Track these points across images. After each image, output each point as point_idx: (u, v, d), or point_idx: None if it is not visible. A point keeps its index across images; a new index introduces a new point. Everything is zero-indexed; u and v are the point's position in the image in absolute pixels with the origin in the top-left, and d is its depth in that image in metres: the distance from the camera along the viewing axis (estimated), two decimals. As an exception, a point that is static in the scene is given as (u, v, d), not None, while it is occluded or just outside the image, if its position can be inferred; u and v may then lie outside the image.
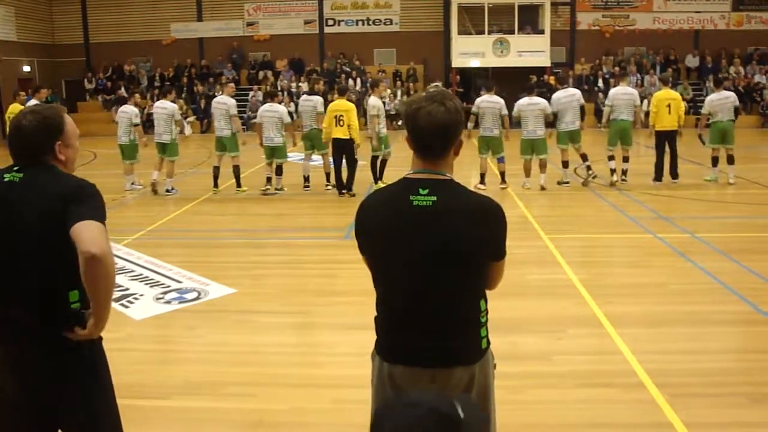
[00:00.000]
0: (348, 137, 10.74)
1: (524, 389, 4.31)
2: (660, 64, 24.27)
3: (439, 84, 14.80)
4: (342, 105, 10.83)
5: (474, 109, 11.25)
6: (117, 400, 2.65)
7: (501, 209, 2.37)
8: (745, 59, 24.40)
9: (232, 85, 12.21)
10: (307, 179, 11.71)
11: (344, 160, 10.98)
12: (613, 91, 11.90)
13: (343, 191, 10.97)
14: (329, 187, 11.56)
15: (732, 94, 11.91)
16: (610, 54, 24.89)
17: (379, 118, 11.13)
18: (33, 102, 11.98)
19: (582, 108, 11.46)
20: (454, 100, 2.35)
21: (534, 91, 11.50)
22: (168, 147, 11.45)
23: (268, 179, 11.31)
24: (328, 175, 11.65)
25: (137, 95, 12.56)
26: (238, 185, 11.52)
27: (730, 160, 11.57)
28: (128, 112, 11.75)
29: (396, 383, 2.40)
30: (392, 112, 21.79)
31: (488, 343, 2.45)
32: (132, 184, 12.00)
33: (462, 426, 1.37)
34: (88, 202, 2.43)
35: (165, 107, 11.49)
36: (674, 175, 11.51)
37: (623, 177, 11.69)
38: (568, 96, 11.35)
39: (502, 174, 11.28)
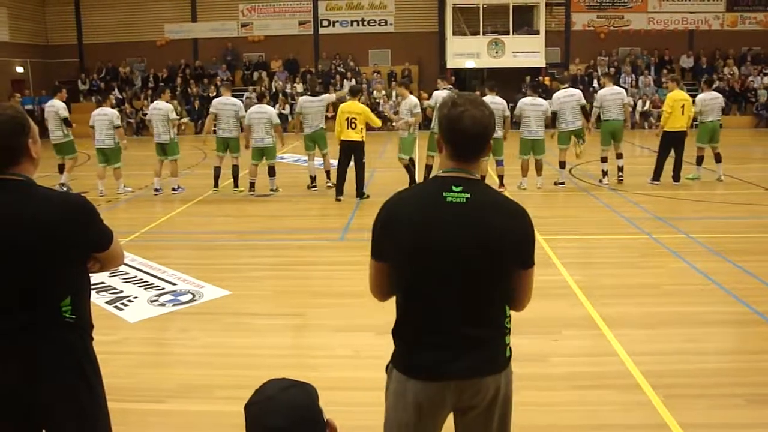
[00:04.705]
0: (360, 140, 10.54)
1: (519, 390, 4.24)
2: (654, 65, 24.35)
3: (452, 87, 14.69)
4: (355, 107, 10.56)
5: None
6: (111, 403, 2.59)
7: (528, 214, 2.36)
8: (739, 60, 24.48)
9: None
10: (313, 179, 11.78)
11: (353, 163, 10.75)
12: (600, 92, 11.91)
13: (340, 197, 10.70)
14: (330, 185, 11.55)
15: (720, 95, 12.25)
16: (605, 54, 24.94)
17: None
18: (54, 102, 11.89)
19: (584, 108, 11.38)
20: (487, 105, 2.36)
21: (538, 92, 11.51)
22: (168, 147, 11.47)
23: (252, 184, 11.29)
24: (328, 173, 11.73)
25: (112, 97, 12.47)
26: (236, 185, 11.67)
27: (718, 158, 11.75)
28: (108, 114, 11.48)
29: (419, 400, 2.30)
30: (384, 114, 21.73)
31: (511, 351, 2.44)
32: (124, 186, 11.81)
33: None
34: (96, 221, 2.45)
35: (160, 108, 11.47)
36: (676, 177, 11.52)
37: (620, 174, 11.74)
38: (568, 96, 11.35)
39: (501, 177, 11.22)
